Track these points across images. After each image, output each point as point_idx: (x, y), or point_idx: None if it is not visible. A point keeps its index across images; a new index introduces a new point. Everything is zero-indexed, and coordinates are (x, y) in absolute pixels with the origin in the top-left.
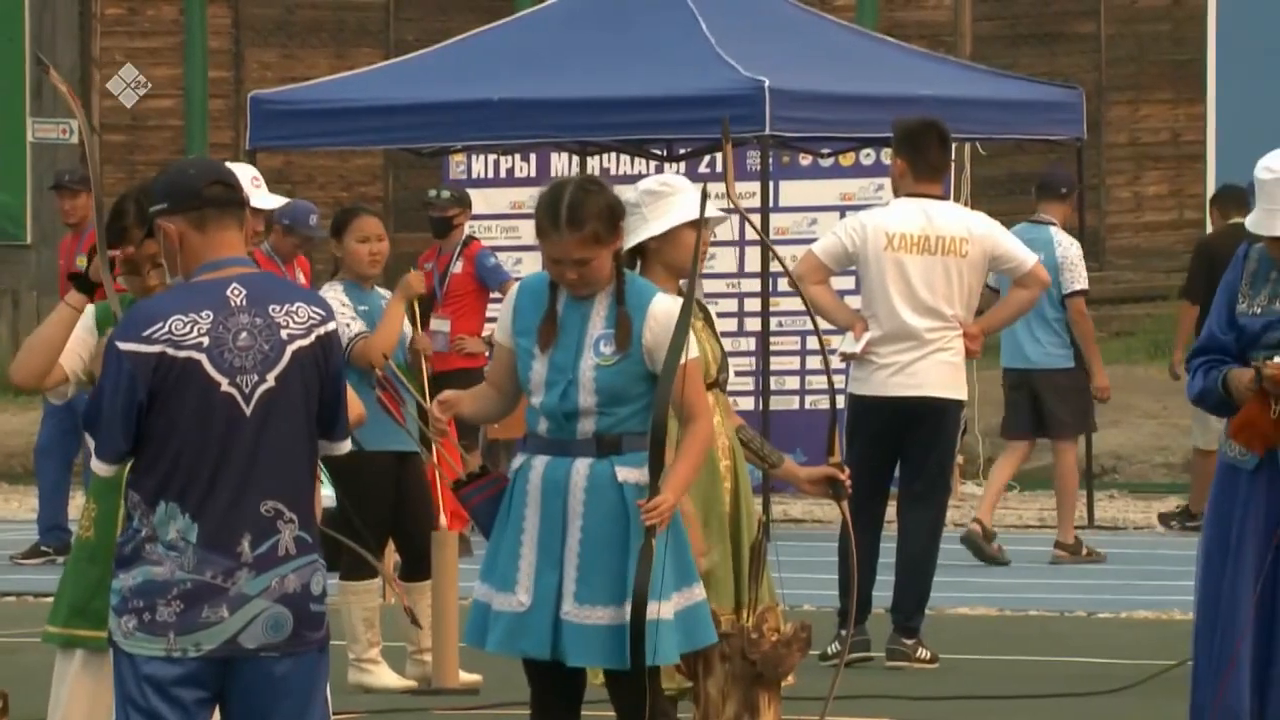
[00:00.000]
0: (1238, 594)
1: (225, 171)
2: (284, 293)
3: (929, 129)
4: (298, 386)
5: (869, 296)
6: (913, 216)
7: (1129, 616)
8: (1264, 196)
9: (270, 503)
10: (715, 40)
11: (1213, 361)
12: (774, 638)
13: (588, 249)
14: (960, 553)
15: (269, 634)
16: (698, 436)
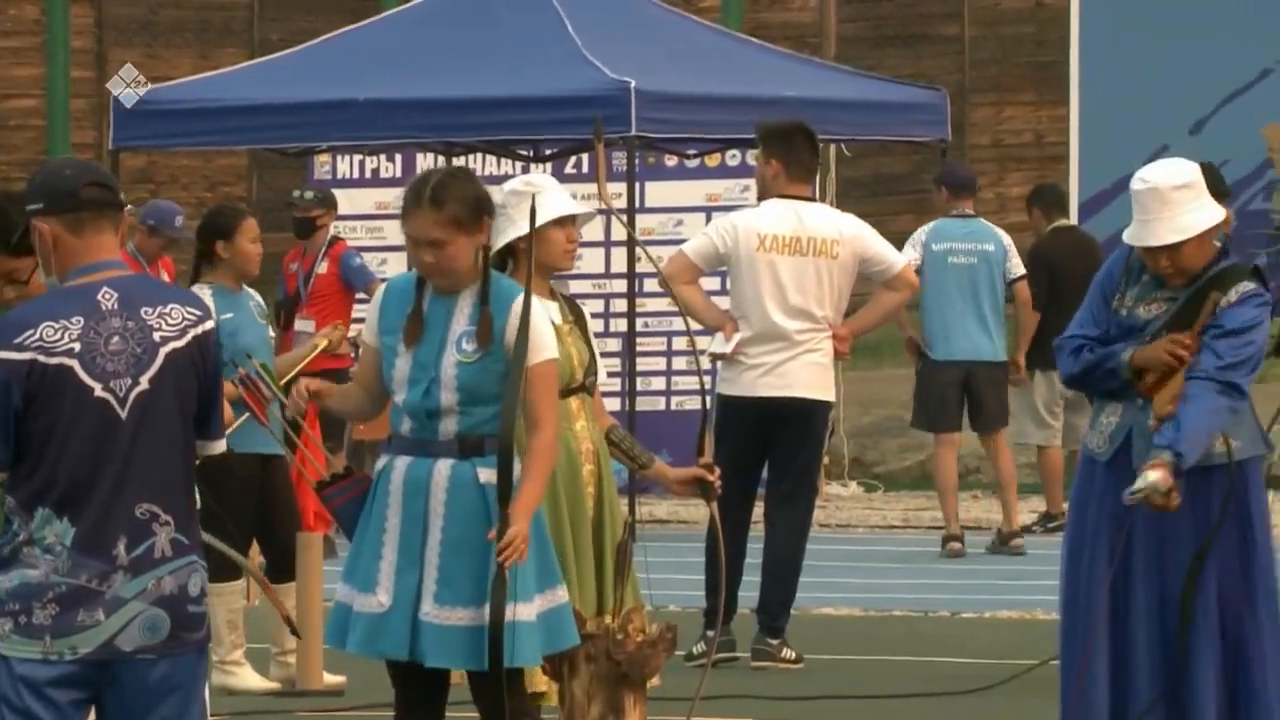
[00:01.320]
0: (1095, 588)
1: (103, 173)
2: (157, 295)
3: (799, 130)
4: (172, 388)
5: (739, 297)
6: (784, 218)
7: (993, 616)
8: (1138, 207)
9: (146, 505)
10: (581, 41)
11: (1088, 344)
12: (639, 638)
13: (445, 229)
14: (826, 552)
15: (145, 636)
16: (542, 450)
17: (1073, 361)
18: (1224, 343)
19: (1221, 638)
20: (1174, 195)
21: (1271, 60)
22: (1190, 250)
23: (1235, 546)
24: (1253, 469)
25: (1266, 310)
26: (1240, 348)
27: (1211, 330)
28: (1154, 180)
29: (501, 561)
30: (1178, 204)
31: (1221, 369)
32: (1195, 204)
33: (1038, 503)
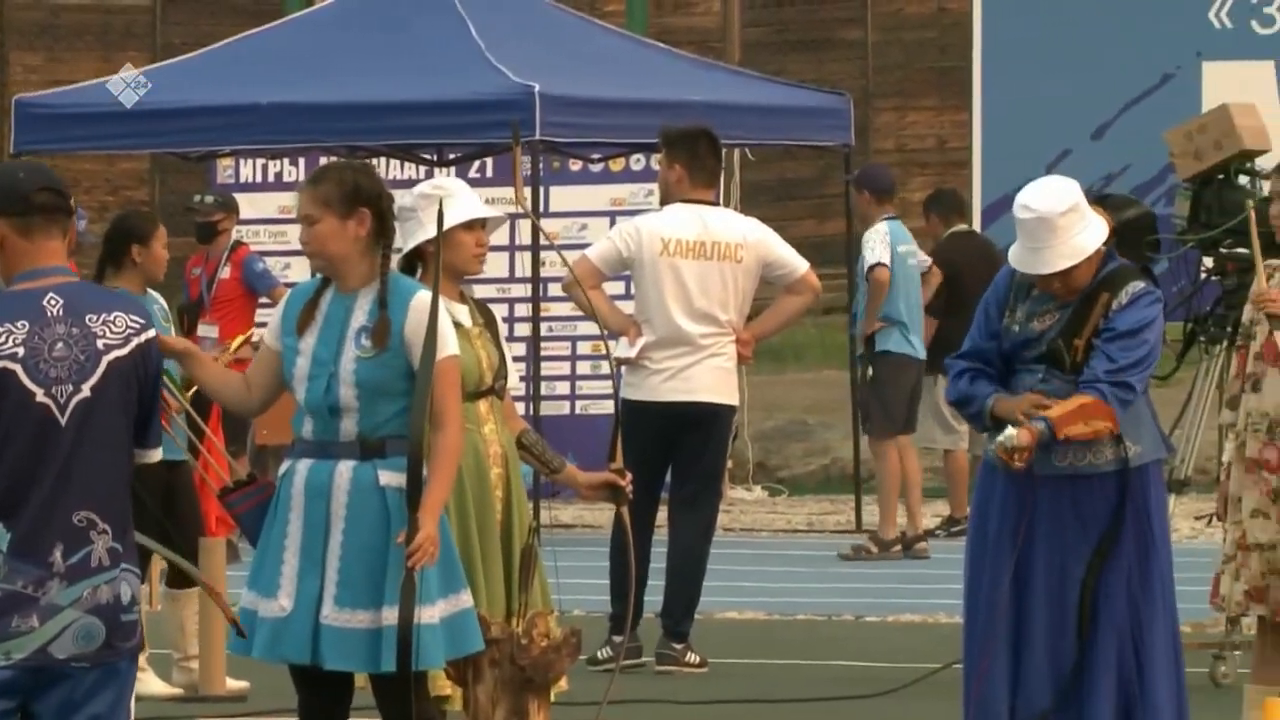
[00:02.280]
0: (995, 592)
1: (55, 179)
2: (102, 302)
3: (702, 135)
4: (114, 397)
5: (644, 302)
6: (689, 222)
7: (896, 620)
8: (1025, 234)
9: (84, 513)
10: (485, 45)
11: (977, 371)
12: (544, 643)
13: (315, 206)
14: (730, 556)
15: (80, 644)
16: (447, 449)
17: (954, 388)
18: (1115, 345)
19: (1119, 643)
20: (1061, 221)
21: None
22: (1080, 269)
23: (1134, 551)
24: (1153, 473)
25: (1158, 307)
26: (1134, 348)
27: (1103, 333)
28: (1041, 208)
29: (411, 565)
30: (1065, 229)
31: (1112, 372)
32: (1081, 225)
33: (942, 506)
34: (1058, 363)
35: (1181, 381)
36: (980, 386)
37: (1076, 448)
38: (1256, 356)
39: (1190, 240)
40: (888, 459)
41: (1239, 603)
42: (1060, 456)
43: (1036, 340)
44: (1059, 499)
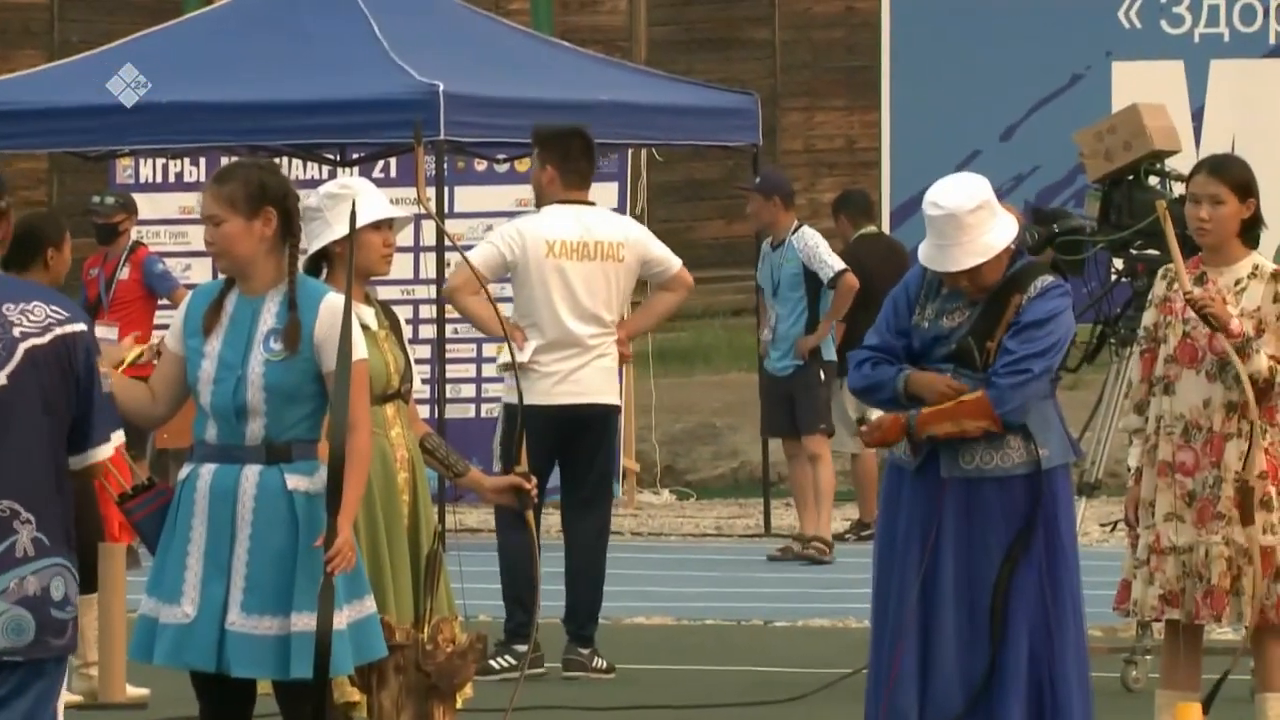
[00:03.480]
0: (904, 595)
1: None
2: (21, 292)
3: (575, 135)
4: (34, 386)
5: (529, 305)
6: (570, 223)
7: (805, 625)
8: (934, 232)
9: (6, 502)
10: (389, 44)
11: (880, 359)
12: (449, 649)
13: (221, 207)
14: (638, 561)
15: (10, 637)
16: (357, 453)
17: (857, 375)
18: (1019, 337)
19: (1030, 648)
20: (970, 219)
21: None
22: (989, 267)
23: (1045, 555)
24: (1061, 477)
25: (1066, 300)
26: (1037, 339)
27: (1011, 327)
28: (950, 205)
29: (330, 570)
30: (974, 227)
31: (1010, 363)
32: (991, 223)
33: (851, 510)
34: (967, 361)
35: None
36: (885, 370)
37: (983, 450)
38: (1169, 359)
39: (1100, 242)
40: (829, 460)
41: (1153, 608)
42: (967, 459)
43: (946, 338)
44: (967, 501)
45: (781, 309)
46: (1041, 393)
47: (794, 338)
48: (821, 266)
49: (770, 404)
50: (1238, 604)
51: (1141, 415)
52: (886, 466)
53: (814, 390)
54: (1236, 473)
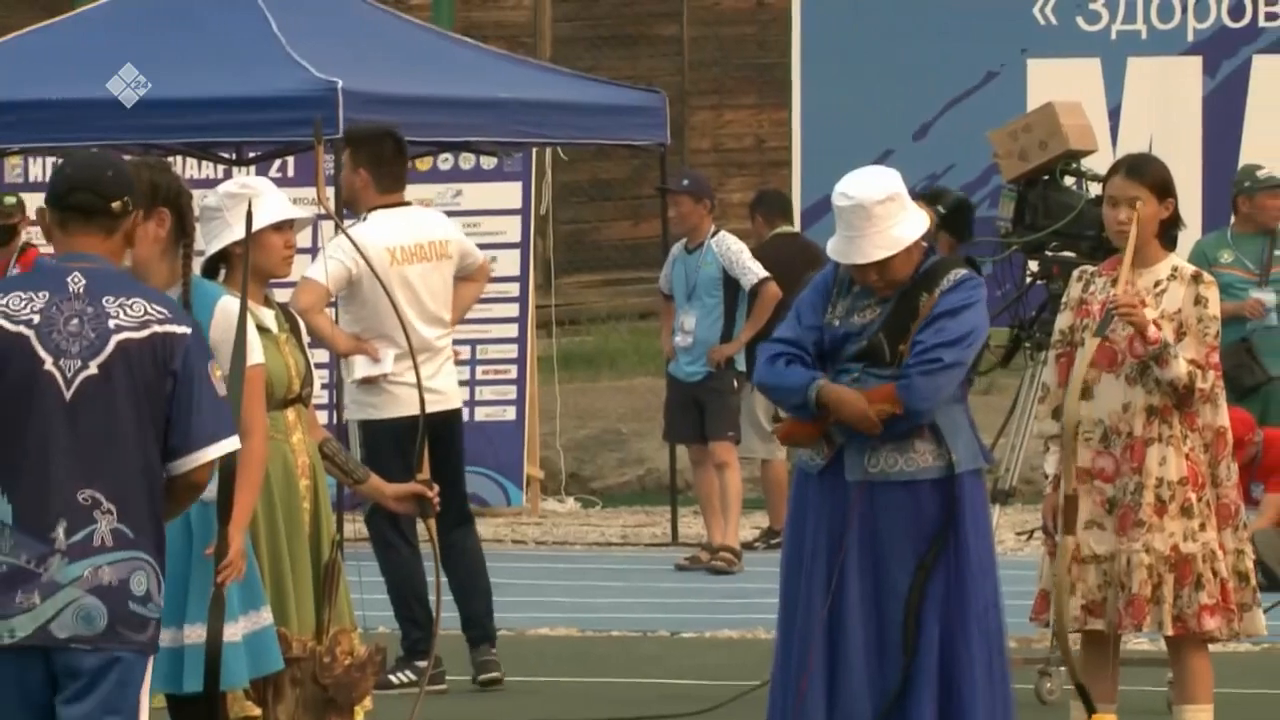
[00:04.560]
0: (812, 603)
1: (99, 177)
2: (126, 288)
3: (386, 137)
4: (125, 379)
5: (376, 317)
6: (402, 227)
7: (713, 636)
8: (842, 224)
9: (88, 491)
10: (286, 40)
11: (792, 356)
12: (347, 661)
13: None
14: (542, 571)
15: (80, 625)
16: (253, 460)
17: (766, 370)
18: (931, 328)
19: (940, 660)
20: (878, 210)
21: (996, 64)
22: (899, 262)
23: (955, 564)
24: (971, 482)
25: (980, 293)
26: (949, 329)
27: (922, 323)
28: (858, 196)
29: (220, 581)
30: (883, 218)
31: (920, 352)
32: (900, 216)
33: (760, 518)
34: (878, 358)
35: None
36: (797, 373)
37: (889, 453)
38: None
39: (1015, 243)
40: (736, 467)
41: (1075, 618)
42: (873, 462)
43: (857, 335)
44: (875, 507)
45: (697, 313)
46: (953, 392)
47: (709, 342)
48: (744, 273)
49: (677, 410)
50: (1158, 612)
51: (1058, 420)
52: (794, 472)
53: (724, 397)
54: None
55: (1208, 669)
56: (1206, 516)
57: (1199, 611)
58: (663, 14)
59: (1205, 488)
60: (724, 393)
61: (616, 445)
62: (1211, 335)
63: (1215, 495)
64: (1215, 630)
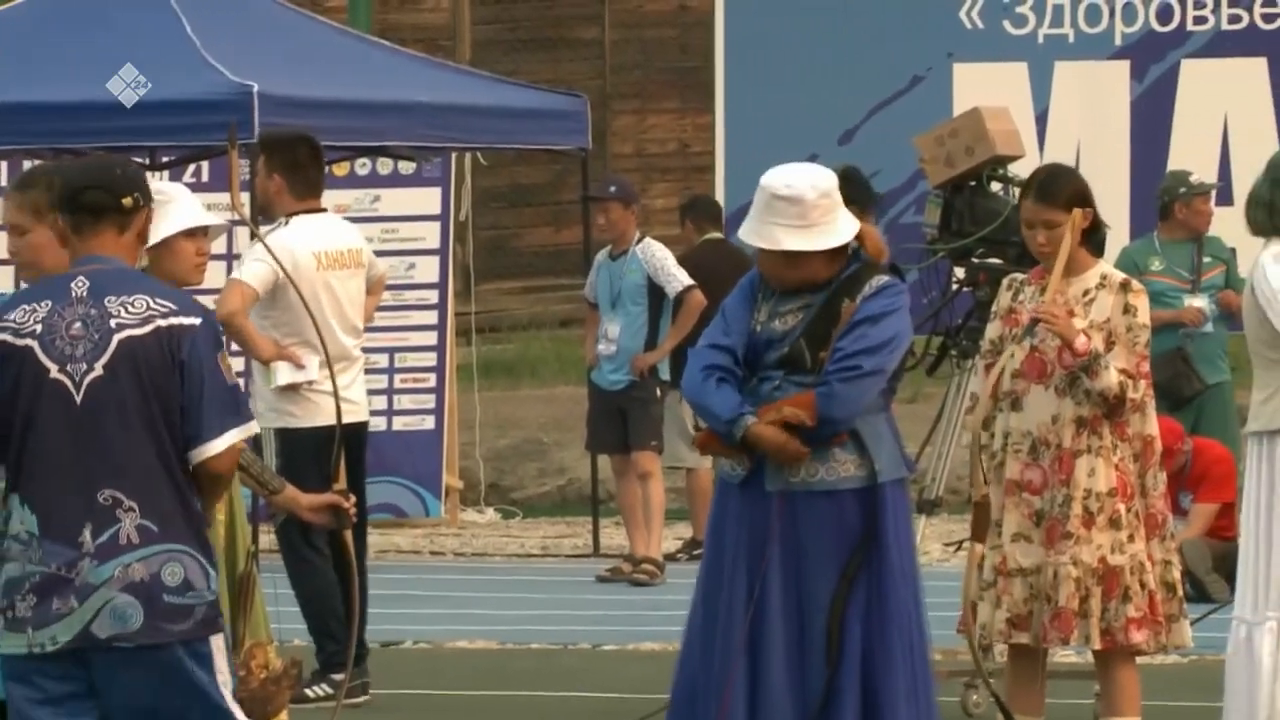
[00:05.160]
0: (734, 615)
1: (108, 176)
2: (130, 286)
3: (301, 142)
4: (132, 376)
5: (299, 323)
6: (323, 234)
7: (635, 649)
8: (768, 210)
9: (108, 491)
10: (200, 43)
11: (725, 374)
12: (262, 675)
13: (25, 215)
14: (461, 582)
15: (117, 624)
16: None
17: (698, 386)
18: (851, 335)
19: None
20: (812, 201)
21: (923, 68)
22: (820, 264)
23: (878, 575)
24: (894, 492)
25: (901, 299)
26: (869, 335)
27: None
28: (799, 186)
29: None
30: (812, 212)
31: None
32: (832, 215)
33: (684, 529)
34: (799, 365)
35: (932, 398)
36: (728, 395)
37: (810, 462)
38: (1016, 374)
39: (941, 249)
40: (659, 478)
41: (1001, 631)
42: (793, 471)
43: (779, 342)
44: (796, 516)
45: (622, 321)
46: (875, 400)
47: (633, 351)
48: (669, 280)
49: (600, 419)
50: (1085, 626)
51: (987, 431)
52: (716, 481)
53: (647, 406)
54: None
55: (1135, 682)
56: (1135, 528)
57: (1126, 625)
58: (584, 17)
59: (1134, 498)
60: (647, 402)
61: (537, 455)
62: (1142, 344)
63: (1143, 505)
64: (1143, 643)
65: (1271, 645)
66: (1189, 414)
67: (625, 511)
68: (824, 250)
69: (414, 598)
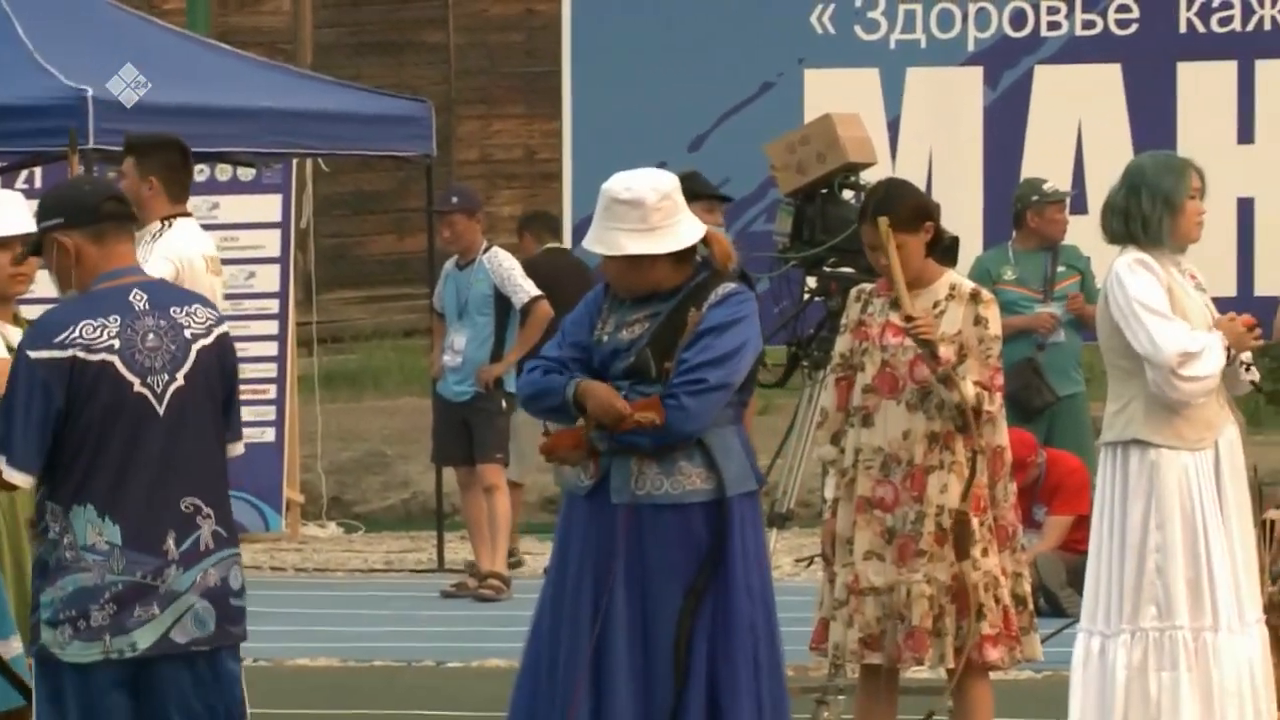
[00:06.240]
0: (579, 631)
1: (118, 190)
2: (180, 297)
3: (173, 146)
4: (203, 384)
5: None
6: (201, 238)
7: (480, 665)
8: (610, 216)
9: (189, 499)
10: (33, 45)
11: (552, 367)
12: None
13: None
14: (302, 598)
15: (197, 629)
16: None
17: (525, 381)
18: (696, 346)
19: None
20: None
21: (773, 73)
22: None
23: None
24: (743, 505)
25: (747, 307)
26: (715, 346)
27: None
28: (638, 189)
29: None
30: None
31: (684, 371)
32: (675, 217)
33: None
34: (644, 374)
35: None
36: (555, 377)
37: (655, 474)
38: (867, 389)
39: (793, 258)
40: (505, 491)
41: (854, 651)
42: (639, 484)
43: (625, 351)
44: (642, 530)
45: (468, 331)
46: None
47: (479, 362)
48: (515, 291)
49: (445, 431)
50: (940, 645)
51: (837, 446)
52: (563, 493)
53: (493, 418)
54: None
55: (988, 698)
56: (989, 542)
57: (981, 642)
58: (428, 20)
59: (987, 512)
60: (493, 414)
61: (380, 468)
62: (994, 356)
63: (993, 517)
64: (998, 660)
65: (1125, 658)
66: (1040, 425)
67: (471, 525)
68: (670, 256)
69: (254, 614)
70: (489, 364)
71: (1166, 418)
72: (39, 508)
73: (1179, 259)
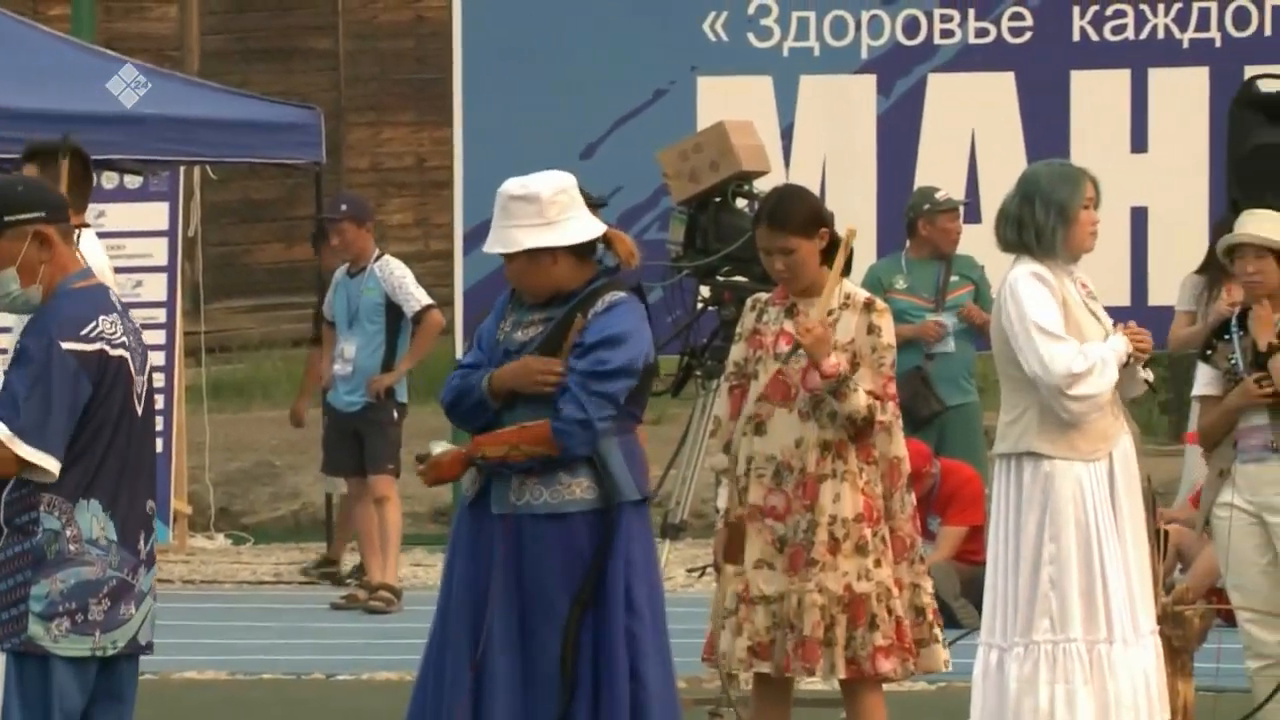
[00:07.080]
0: (460, 643)
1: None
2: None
3: (76, 153)
4: (149, 388)
5: None
6: (100, 249)
7: (370, 678)
8: (504, 214)
9: (150, 501)
10: None
11: (467, 372)
12: None
13: None
14: (189, 611)
15: (150, 630)
16: None
17: (446, 390)
18: (587, 359)
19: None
20: (548, 199)
21: (665, 81)
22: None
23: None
24: (629, 515)
25: (634, 317)
26: (604, 360)
27: (575, 349)
28: (533, 185)
29: None
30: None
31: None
32: (570, 213)
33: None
34: None
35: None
36: (470, 377)
37: (535, 484)
38: (760, 397)
39: (686, 267)
40: (396, 502)
41: (742, 660)
42: (518, 494)
43: (517, 352)
44: (524, 541)
45: (359, 340)
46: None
47: (369, 372)
48: (407, 299)
49: (335, 441)
50: (831, 655)
51: (728, 454)
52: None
53: (383, 428)
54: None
55: (882, 710)
56: (882, 553)
57: (873, 653)
58: (317, 27)
59: (880, 522)
60: (384, 424)
61: (269, 479)
62: (888, 365)
63: (890, 528)
64: (890, 672)
65: (1017, 671)
66: (930, 435)
67: (361, 537)
68: (571, 255)
69: None
70: (380, 374)
71: (1061, 429)
72: (19, 501)
73: (1072, 269)
